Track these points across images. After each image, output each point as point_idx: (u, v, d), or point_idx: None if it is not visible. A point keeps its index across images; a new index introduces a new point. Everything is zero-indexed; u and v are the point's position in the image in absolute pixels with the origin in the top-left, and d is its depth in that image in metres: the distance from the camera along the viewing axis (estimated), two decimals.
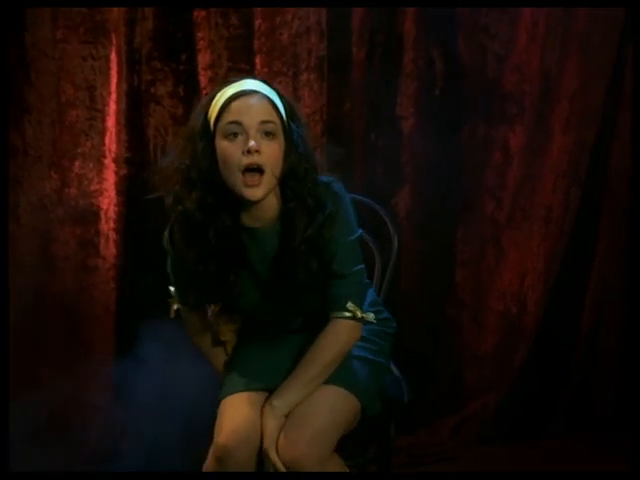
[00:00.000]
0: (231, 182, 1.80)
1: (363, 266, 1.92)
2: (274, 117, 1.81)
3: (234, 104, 1.80)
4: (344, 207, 1.87)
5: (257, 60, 2.86)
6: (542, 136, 3.04)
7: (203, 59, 2.84)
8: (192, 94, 2.84)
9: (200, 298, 1.94)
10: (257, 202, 1.82)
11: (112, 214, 2.86)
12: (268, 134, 1.80)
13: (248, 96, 1.81)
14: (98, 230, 2.87)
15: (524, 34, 2.99)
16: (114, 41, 2.79)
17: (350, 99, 2.95)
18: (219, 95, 1.83)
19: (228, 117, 1.80)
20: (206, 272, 1.84)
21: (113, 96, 2.82)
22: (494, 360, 3.13)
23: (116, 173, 2.85)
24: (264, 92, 1.83)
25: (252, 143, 1.77)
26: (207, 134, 1.82)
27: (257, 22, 2.85)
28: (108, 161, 2.86)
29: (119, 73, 2.81)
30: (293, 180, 1.83)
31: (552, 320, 3.13)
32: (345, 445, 1.91)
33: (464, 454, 3.01)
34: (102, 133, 2.84)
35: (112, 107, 2.82)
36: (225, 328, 2.01)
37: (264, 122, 1.80)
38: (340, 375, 1.91)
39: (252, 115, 1.79)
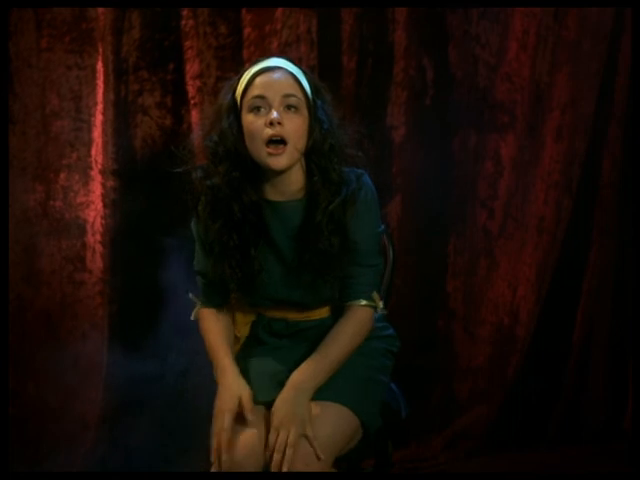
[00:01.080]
0: (256, 154, 1.85)
1: (383, 260, 2.00)
2: (297, 91, 1.86)
3: (258, 79, 1.86)
4: (374, 198, 1.94)
5: None
6: (534, 146, 3.02)
7: (191, 69, 2.80)
8: (180, 104, 2.80)
9: (222, 275, 1.91)
10: (281, 173, 1.86)
11: (99, 227, 2.80)
12: (291, 107, 1.85)
13: (272, 71, 1.87)
14: (84, 243, 2.83)
15: (515, 43, 2.97)
16: (100, 50, 2.75)
17: (341, 108, 2.90)
18: (246, 73, 1.89)
19: (253, 92, 1.85)
20: (229, 244, 1.87)
21: (99, 106, 2.77)
22: (487, 372, 3.09)
23: (103, 185, 2.80)
24: (288, 68, 1.88)
25: (274, 115, 1.82)
26: (234, 110, 1.87)
27: (246, 31, 2.81)
28: (94, 173, 2.81)
29: (105, 83, 2.76)
30: (317, 155, 1.87)
31: (544, 331, 3.10)
32: (343, 460, 1.90)
33: (456, 467, 2.98)
34: (88, 144, 2.80)
35: (98, 118, 2.77)
36: (241, 321, 2.01)
37: (287, 95, 1.84)
38: (343, 393, 1.90)
39: (275, 89, 1.84)
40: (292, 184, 1.90)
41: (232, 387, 1.88)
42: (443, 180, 3.04)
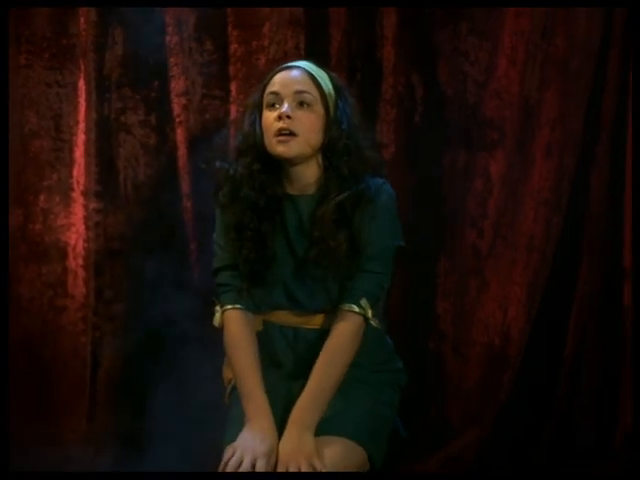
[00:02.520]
0: (269, 146, 1.91)
1: (390, 275, 1.94)
2: (311, 88, 1.91)
3: (276, 77, 1.95)
4: (394, 207, 1.95)
5: (232, 86, 2.76)
6: (523, 163, 2.98)
7: (176, 86, 2.73)
8: (165, 122, 2.74)
9: (239, 256, 1.93)
10: (297, 167, 1.91)
11: (81, 250, 2.72)
12: (303, 104, 1.90)
13: (289, 70, 1.95)
14: (66, 268, 2.74)
15: (504, 60, 2.94)
16: (82, 67, 2.67)
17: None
18: (270, 75, 1.98)
19: (270, 89, 1.94)
20: (249, 226, 1.91)
21: (81, 125, 2.69)
22: (478, 394, 3.04)
23: (85, 207, 2.71)
24: (306, 67, 1.95)
25: (283, 109, 1.88)
26: (257, 108, 1.96)
27: (232, 47, 2.75)
28: (76, 194, 2.73)
29: (87, 101, 2.68)
30: (332, 152, 1.91)
31: (535, 351, 3.06)
32: None
33: None
34: (69, 165, 2.71)
35: (80, 137, 2.69)
36: (258, 318, 1.97)
37: (299, 92, 1.90)
38: (351, 427, 1.86)
39: (288, 85, 1.91)
40: (307, 178, 1.93)
41: (267, 434, 1.82)
42: (432, 199, 3.00)
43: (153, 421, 2.68)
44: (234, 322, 1.94)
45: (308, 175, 1.94)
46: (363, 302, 1.88)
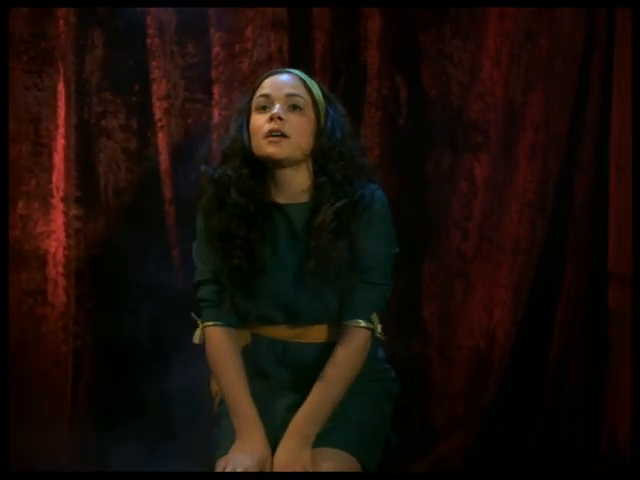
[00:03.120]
0: (257, 149, 1.87)
1: (392, 284, 1.93)
2: (302, 92, 1.90)
3: (266, 80, 1.94)
4: (389, 214, 1.91)
5: (215, 90, 2.71)
6: (508, 165, 2.97)
7: (158, 89, 2.68)
8: (146, 127, 2.69)
9: (226, 266, 1.87)
10: (286, 172, 1.86)
11: (61, 258, 2.66)
12: (295, 107, 1.88)
13: (280, 74, 1.94)
14: (45, 276, 2.67)
15: (488, 62, 2.93)
16: (61, 70, 2.61)
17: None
18: (259, 79, 1.97)
19: (260, 92, 1.92)
20: (238, 233, 1.85)
21: (61, 130, 2.63)
22: (464, 397, 3.03)
23: (65, 213, 2.65)
24: (297, 73, 1.94)
25: (275, 110, 1.85)
26: (245, 112, 1.93)
27: (215, 50, 2.70)
28: (56, 200, 2.67)
29: (67, 105, 2.62)
30: (324, 160, 1.86)
31: (521, 354, 3.06)
32: None
33: None
34: (49, 170, 2.65)
35: (60, 142, 2.63)
36: (244, 332, 1.93)
37: (290, 95, 1.88)
38: (346, 439, 1.85)
39: (279, 88, 1.89)
40: (298, 185, 1.89)
41: (258, 446, 1.80)
42: (417, 202, 2.98)
43: (137, 432, 2.63)
44: (215, 339, 1.90)
45: (298, 182, 1.89)
46: (373, 317, 1.87)
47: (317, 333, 1.90)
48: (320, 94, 1.93)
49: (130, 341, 2.64)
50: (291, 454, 1.77)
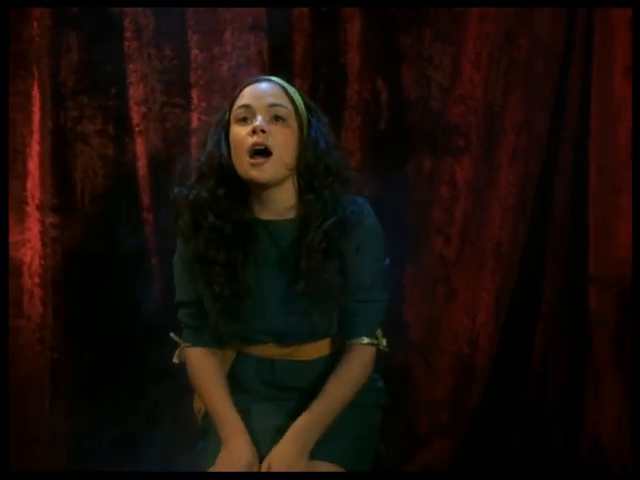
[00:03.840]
0: (239, 166, 1.78)
1: (388, 297, 1.91)
2: (285, 102, 1.81)
3: (246, 90, 1.84)
4: (378, 228, 1.86)
5: (194, 94, 2.66)
6: (489, 169, 2.96)
7: (135, 93, 2.63)
8: (123, 132, 2.64)
9: (207, 292, 1.80)
10: (270, 189, 1.78)
11: (37, 268, 2.60)
12: (278, 118, 1.79)
13: (260, 82, 1.84)
14: (21, 286, 2.61)
15: (468, 64, 2.92)
16: (36, 74, 2.54)
17: None
18: (238, 89, 1.86)
19: (239, 102, 1.82)
20: (216, 259, 1.77)
21: (35, 135, 2.58)
22: (448, 404, 3.01)
23: (41, 222, 2.60)
24: (278, 81, 1.85)
25: (258, 122, 1.76)
26: (222, 124, 1.83)
27: (193, 53, 2.66)
28: (31, 208, 2.62)
29: (42, 109, 2.57)
30: (310, 174, 1.79)
31: (503, 357, 3.04)
32: None
33: None
34: (23, 177, 2.60)
35: (34, 148, 2.58)
36: (229, 351, 1.88)
37: (273, 105, 1.79)
38: (338, 452, 1.82)
39: (261, 98, 1.80)
40: (283, 202, 1.81)
41: (244, 450, 1.76)
42: (398, 206, 2.95)
43: (117, 446, 2.57)
44: (195, 359, 1.87)
45: (283, 198, 1.82)
46: (377, 332, 1.87)
47: (306, 351, 1.87)
48: (302, 103, 1.85)
49: (109, 353, 2.58)
50: (289, 459, 1.73)
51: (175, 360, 1.90)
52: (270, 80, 1.85)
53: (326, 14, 2.76)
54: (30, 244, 2.59)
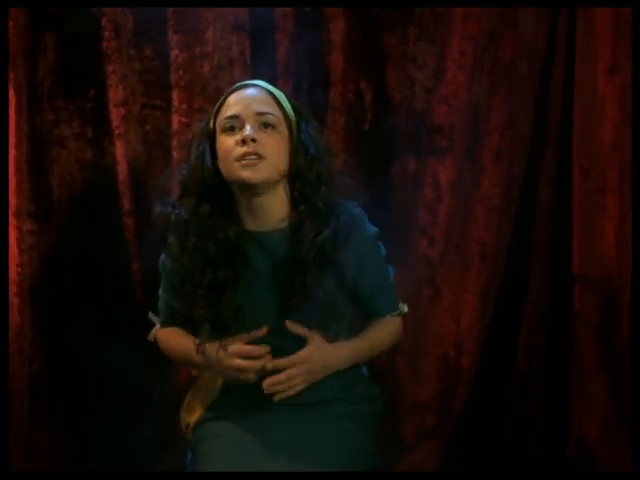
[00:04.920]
0: (229, 173, 1.71)
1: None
2: (274, 109, 1.74)
3: (231, 97, 1.75)
4: (375, 234, 1.85)
5: (174, 95, 2.60)
6: (473, 170, 2.94)
7: (114, 95, 2.57)
8: (102, 135, 2.58)
9: (191, 312, 1.76)
10: (261, 198, 1.72)
11: (14, 276, 2.52)
12: (267, 125, 1.73)
13: (245, 88, 1.76)
14: None
15: (452, 64, 2.89)
16: (11, 76, 2.45)
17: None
18: (222, 97, 1.77)
19: (226, 112, 1.74)
20: (202, 282, 1.72)
21: (12, 140, 2.47)
22: (434, 407, 2.99)
23: (18, 228, 2.52)
24: (263, 85, 1.77)
25: (247, 132, 1.69)
26: (207, 135, 1.75)
27: (174, 53, 2.60)
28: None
29: (18, 112, 2.49)
30: (302, 182, 1.73)
31: (489, 358, 3.03)
32: None
33: None
34: None
35: (11, 152, 2.48)
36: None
37: (261, 113, 1.72)
38: (338, 466, 1.76)
39: (248, 106, 1.73)
40: (274, 212, 1.75)
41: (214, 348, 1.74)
42: (383, 208, 2.91)
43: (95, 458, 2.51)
44: (167, 331, 1.87)
45: (275, 208, 1.75)
46: (400, 306, 1.94)
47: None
48: (290, 107, 1.78)
49: (89, 363, 2.51)
50: (322, 354, 1.74)
51: (150, 338, 1.90)
52: (256, 85, 1.77)
53: (309, 14, 2.70)
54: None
